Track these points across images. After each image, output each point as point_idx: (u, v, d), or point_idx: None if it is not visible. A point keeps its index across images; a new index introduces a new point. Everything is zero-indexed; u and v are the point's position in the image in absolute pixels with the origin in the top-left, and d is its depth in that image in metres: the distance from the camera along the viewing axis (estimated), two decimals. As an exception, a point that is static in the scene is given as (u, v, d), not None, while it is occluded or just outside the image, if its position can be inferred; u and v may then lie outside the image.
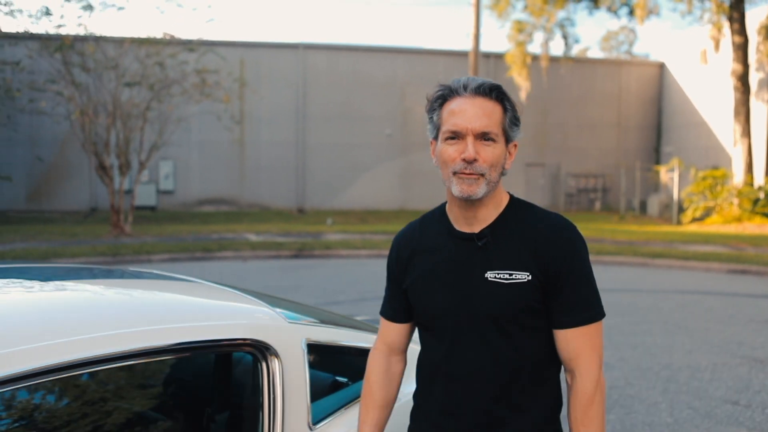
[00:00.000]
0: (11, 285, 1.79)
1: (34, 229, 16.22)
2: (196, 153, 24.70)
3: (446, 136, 1.49)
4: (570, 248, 1.51)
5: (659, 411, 4.40)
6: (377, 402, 1.67)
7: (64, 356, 1.23)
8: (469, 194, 1.47)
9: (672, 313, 7.67)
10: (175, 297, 1.89)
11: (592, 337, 1.50)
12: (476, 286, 1.51)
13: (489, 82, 1.51)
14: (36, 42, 14.91)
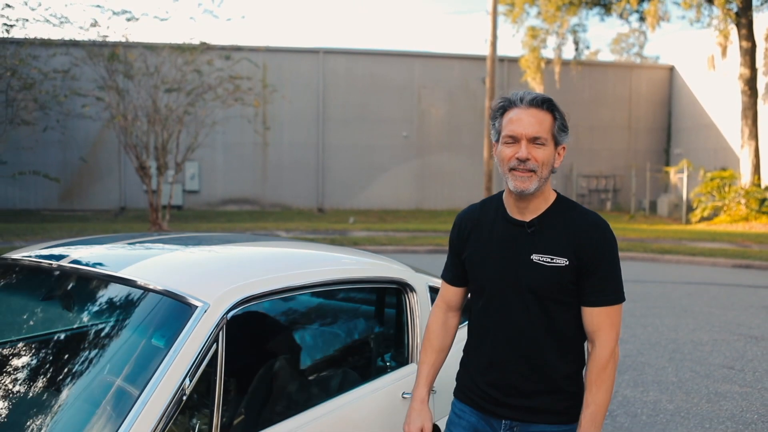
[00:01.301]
0: (209, 246, 2.56)
1: (75, 227, 17.16)
2: (221, 154, 25.53)
3: (505, 140, 1.82)
4: (603, 243, 1.81)
5: (666, 373, 5.23)
6: (435, 347, 2.01)
7: (312, 279, 2.08)
8: (522, 189, 1.78)
9: (679, 300, 8.48)
10: (324, 251, 2.73)
11: (612, 316, 1.81)
12: (523, 264, 1.82)
13: (541, 96, 1.86)
14: (79, 50, 15.85)
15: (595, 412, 1.76)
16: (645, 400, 4.58)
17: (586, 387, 1.81)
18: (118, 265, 1.92)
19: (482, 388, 1.93)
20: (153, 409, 1.50)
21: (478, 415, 1.93)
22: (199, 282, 1.81)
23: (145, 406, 1.49)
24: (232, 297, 1.76)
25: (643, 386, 4.89)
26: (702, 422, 4.19)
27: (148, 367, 1.57)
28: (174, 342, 1.61)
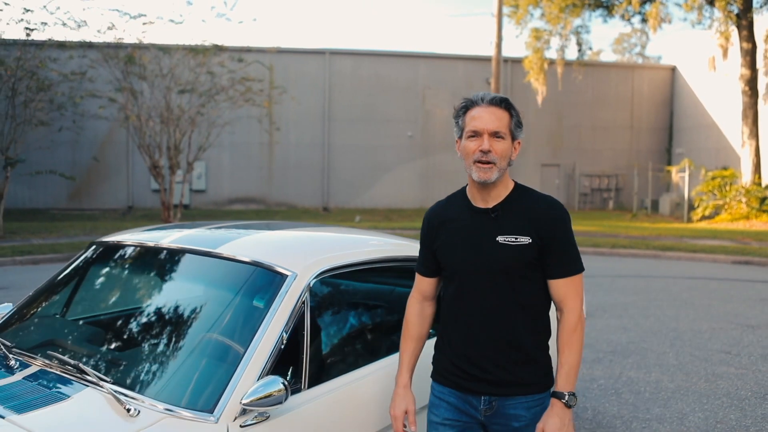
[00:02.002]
0: (279, 229, 2.92)
1: (87, 225, 17.54)
2: (227, 154, 25.87)
3: (469, 134, 1.98)
4: (559, 221, 1.99)
5: (667, 357, 5.61)
6: (414, 336, 2.16)
7: (375, 256, 2.46)
8: (485, 179, 1.96)
9: (680, 294, 8.85)
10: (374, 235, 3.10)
11: (576, 284, 2.00)
12: (490, 246, 1.97)
13: (499, 96, 2.01)
14: (95, 52, 16.25)
15: (569, 371, 1.94)
16: (648, 380, 4.96)
17: (558, 350, 1.97)
18: (213, 244, 2.29)
19: (460, 368, 2.04)
20: (259, 357, 1.88)
21: (458, 395, 2.05)
22: (287, 256, 2.19)
23: (254, 355, 1.88)
24: (314, 269, 2.15)
25: (645, 368, 5.27)
26: (700, 398, 4.57)
27: (253, 323, 1.96)
28: (272, 304, 1.99)
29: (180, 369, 1.96)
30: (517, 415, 1.99)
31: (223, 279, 2.21)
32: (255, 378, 1.82)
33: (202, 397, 1.82)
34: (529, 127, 27.43)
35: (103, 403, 1.81)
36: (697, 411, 4.32)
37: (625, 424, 4.07)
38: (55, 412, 1.79)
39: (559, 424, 1.89)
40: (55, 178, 21.42)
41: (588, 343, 6.00)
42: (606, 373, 5.14)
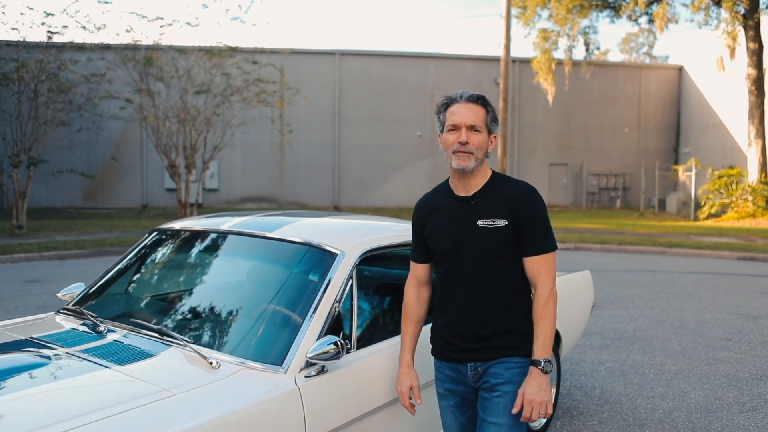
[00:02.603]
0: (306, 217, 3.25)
1: (105, 223, 17.96)
2: (240, 154, 26.25)
3: (449, 128, 2.18)
4: (533, 204, 2.17)
5: (671, 343, 5.93)
6: (413, 318, 2.36)
7: (404, 239, 2.79)
8: (463, 167, 2.15)
9: (685, 287, 9.15)
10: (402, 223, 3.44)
11: (548, 262, 2.17)
12: (471, 230, 2.16)
13: (477, 94, 2.22)
14: (112, 53, 16.67)
15: (544, 341, 2.13)
16: (652, 363, 5.28)
17: (534, 322, 2.16)
18: (269, 228, 2.63)
19: (449, 341, 2.24)
20: (318, 322, 2.22)
21: (451, 366, 2.26)
22: (335, 238, 2.53)
23: (313, 319, 2.22)
24: (359, 248, 2.49)
25: (650, 353, 5.59)
26: (701, 379, 4.89)
27: (311, 294, 2.30)
28: (325, 278, 2.34)
29: (251, 331, 2.31)
30: (496, 373, 2.17)
31: (282, 257, 2.56)
32: (315, 338, 2.17)
33: (271, 353, 2.16)
34: (536, 127, 27.73)
35: (188, 358, 2.16)
36: (697, 390, 4.64)
37: (630, 401, 4.39)
38: (151, 364, 2.14)
39: (537, 388, 2.08)
40: (71, 177, 21.89)
41: (596, 331, 6.33)
42: (613, 357, 5.46)
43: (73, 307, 2.78)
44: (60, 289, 3.10)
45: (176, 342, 2.24)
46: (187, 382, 2.00)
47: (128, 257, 3.08)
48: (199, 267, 2.83)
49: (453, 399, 2.29)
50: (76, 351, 2.26)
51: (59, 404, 1.87)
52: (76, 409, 1.80)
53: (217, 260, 2.79)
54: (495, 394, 2.17)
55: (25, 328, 2.63)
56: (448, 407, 2.32)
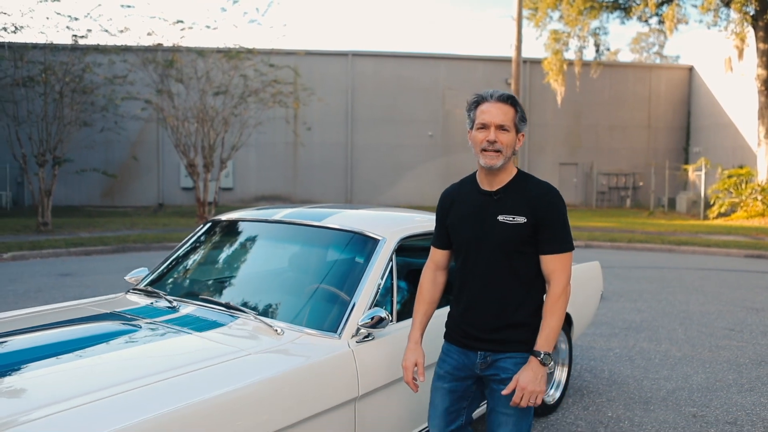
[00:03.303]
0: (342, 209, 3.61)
1: (126, 221, 18.44)
2: (254, 154, 26.68)
3: (478, 126, 2.25)
4: (553, 205, 2.25)
5: (676, 332, 6.27)
6: (426, 300, 2.46)
7: (425, 229, 3.15)
8: (491, 165, 2.22)
9: (692, 282, 9.46)
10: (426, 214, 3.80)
11: (564, 261, 2.24)
12: (491, 224, 2.25)
13: (507, 94, 2.27)
14: (132, 55, 17.14)
15: (549, 334, 2.20)
16: (658, 350, 5.62)
17: (543, 316, 2.23)
18: (318, 218, 3.01)
19: (462, 328, 2.34)
20: (365, 296, 2.59)
21: (460, 351, 2.35)
22: (376, 227, 2.90)
23: (361, 294, 2.60)
24: (397, 235, 2.86)
25: (656, 341, 5.93)
26: (703, 364, 5.23)
27: (358, 273, 2.68)
28: (370, 260, 2.71)
29: (307, 305, 2.69)
30: (505, 368, 2.27)
31: (331, 243, 2.93)
32: (363, 310, 2.54)
33: (327, 322, 2.54)
34: (547, 127, 28.01)
35: (256, 327, 2.54)
36: (699, 373, 4.98)
37: (636, 382, 4.74)
38: (225, 332, 2.52)
39: (531, 377, 2.15)
40: (89, 176, 22.38)
41: (605, 321, 6.67)
42: (621, 344, 5.81)
43: (143, 287, 3.17)
44: (91, 282, 3.45)
45: (244, 314, 2.62)
46: (259, 345, 2.38)
47: (186, 245, 3.46)
48: (255, 252, 3.22)
49: (447, 383, 2.38)
50: (157, 321, 2.65)
51: (156, 360, 2.25)
52: (172, 363, 2.18)
53: (272, 246, 3.18)
54: (503, 387, 2.25)
55: (103, 304, 3.02)
56: (441, 389, 2.39)
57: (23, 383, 2.03)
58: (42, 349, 2.29)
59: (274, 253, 3.16)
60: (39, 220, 15.69)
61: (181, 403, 1.89)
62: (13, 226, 16.16)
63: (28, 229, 15.71)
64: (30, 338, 2.45)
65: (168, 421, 1.82)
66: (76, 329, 2.54)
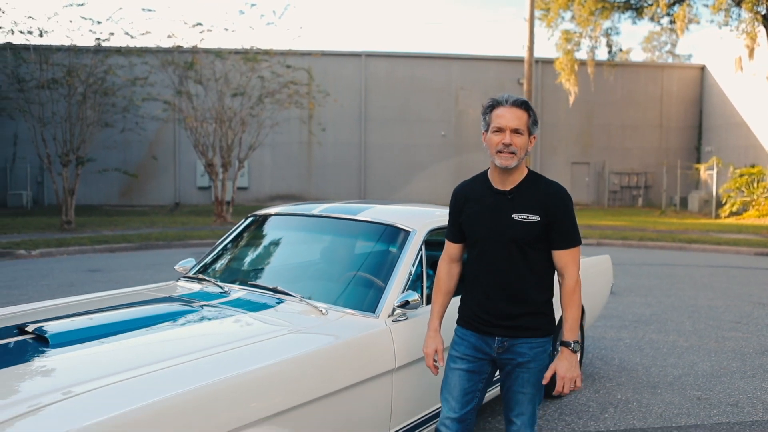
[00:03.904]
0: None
1: (145, 219, 18.86)
2: (269, 153, 27.05)
3: (494, 129, 2.39)
4: (564, 204, 2.42)
5: (684, 324, 6.54)
6: (443, 290, 2.64)
7: (439, 224, 3.44)
8: (506, 165, 2.38)
9: (701, 278, 9.70)
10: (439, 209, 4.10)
11: (574, 255, 2.44)
12: (506, 222, 2.41)
13: (521, 99, 2.41)
14: (152, 56, 17.56)
15: (572, 324, 2.41)
16: (666, 340, 5.90)
17: (562, 308, 2.44)
18: (353, 212, 3.33)
19: (480, 316, 2.50)
20: (400, 281, 2.90)
21: (477, 336, 2.52)
22: (407, 220, 3.21)
23: (396, 279, 2.91)
24: (427, 227, 3.17)
25: (665, 332, 6.20)
26: (709, 353, 5.50)
27: (392, 261, 2.99)
28: (402, 249, 3.02)
29: (347, 289, 3.01)
30: (522, 353, 2.46)
31: (367, 234, 3.25)
32: (398, 293, 2.85)
33: (366, 303, 2.86)
34: (559, 126, 28.20)
35: (302, 308, 2.86)
36: (705, 361, 5.26)
37: (645, 369, 5.02)
38: (275, 312, 2.83)
39: (567, 366, 2.38)
40: (107, 176, 22.85)
41: (615, 315, 6.95)
42: (631, 335, 6.09)
43: (193, 275, 3.50)
44: (120, 278, 3.73)
45: (290, 297, 2.94)
46: (307, 323, 2.69)
47: (230, 237, 3.79)
48: (296, 242, 3.54)
49: (465, 364, 2.54)
50: (212, 304, 2.97)
51: (217, 336, 2.58)
52: (232, 338, 2.50)
53: (311, 237, 3.50)
54: (522, 371, 2.47)
55: (158, 290, 3.35)
56: (457, 370, 2.54)
57: (100, 354, 2.34)
58: (115, 326, 2.61)
59: (313, 244, 3.48)
60: (63, 218, 16.13)
61: (246, 369, 2.20)
62: (37, 224, 16.61)
63: (52, 227, 16.16)
64: (102, 316, 2.78)
65: (236, 384, 2.13)
66: (142, 309, 2.87)
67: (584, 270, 4.60)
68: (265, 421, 2.16)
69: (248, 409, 2.11)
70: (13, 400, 1.88)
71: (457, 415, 2.52)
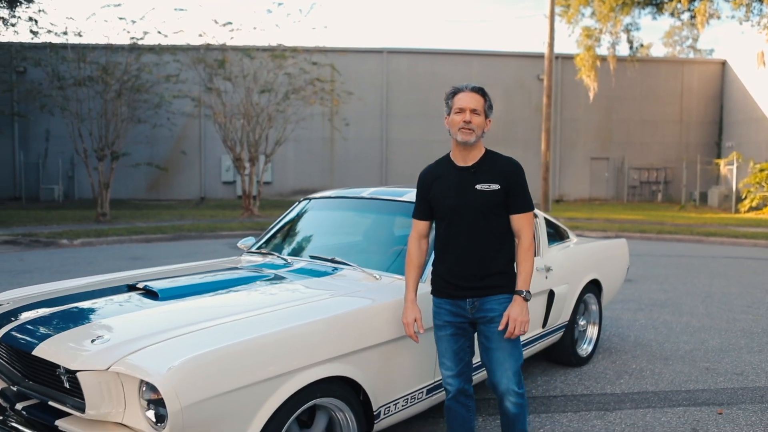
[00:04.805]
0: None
1: (174, 213, 19.50)
2: (292, 149, 27.59)
3: (456, 111, 2.76)
4: (518, 175, 2.80)
5: (697, 309, 6.93)
6: (415, 264, 2.94)
7: None
8: (466, 140, 2.73)
9: (717, 268, 10.03)
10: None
11: (529, 219, 2.82)
12: (470, 193, 2.76)
13: (478, 86, 2.78)
14: (183, 54, 18.16)
15: (525, 277, 2.78)
16: (679, 321, 6.30)
17: (518, 263, 2.81)
18: (398, 195, 3.80)
19: (450, 282, 2.82)
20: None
21: (450, 302, 2.85)
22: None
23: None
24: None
25: (678, 314, 6.60)
26: (719, 332, 5.89)
27: (433, 235, 3.48)
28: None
29: (397, 259, 3.46)
30: (491, 308, 2.80)
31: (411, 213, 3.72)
32: (439, 262, 3.32)
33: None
34: (578, 122, 28.42)
35: (358, 275, 3.33)
36: (715, 338, 5.66)
37: (658, 344, 5.44)
38: (333, 278, 3.31)
39: (518, 311, 2.72)
40: (135, 171, 23.60)
41: (632, 299, 7.35)
42: (646, 316, 6.50)
43: (256, 249, 4.00)
44: (161, 265, 4.15)
45: (348, 266, 3.42)
46: (364, 286, 3.17)
47: (286, 218, 4.28)
48: (348, 221, 4.02)
49: (449, 329, 2.86)
50: (280, 272, 3.46)
51: (290, 294, 3.06)
52: (302, 296, 2.99)
53: (361, 216, 3.97)
54: (493, 326, 2.77)
55: (227, 263, 3.85)
56: (444, 337, 2.88)
57: (200, 305, 2.84)
58: (206, 285, 3.12)
59: (364, 222, 3.95)
60: (98, 210, 16.81)
61: (314, 319, 2.68)
62: (73, 216, 17.32)
63: (87, 219, 16.85)
64: (193, 278, 3.28)
65: (306, 330, 2.60)
66: (223, 274, 3.37)
67: (602, 251, 5.07)
68: (330, 361, 2.63)
69: (317, 350, 2.58)
70: (142, 335, 2.38)
71: (453, 372, 2.89)
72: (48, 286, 3.31)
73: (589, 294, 4.85)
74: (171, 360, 2.14)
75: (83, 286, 3.22)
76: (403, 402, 3.06)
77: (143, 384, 2.16)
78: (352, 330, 2.76)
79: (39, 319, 2.67)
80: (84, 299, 2.93)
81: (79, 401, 2.30)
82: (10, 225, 15.16)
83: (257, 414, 2.32)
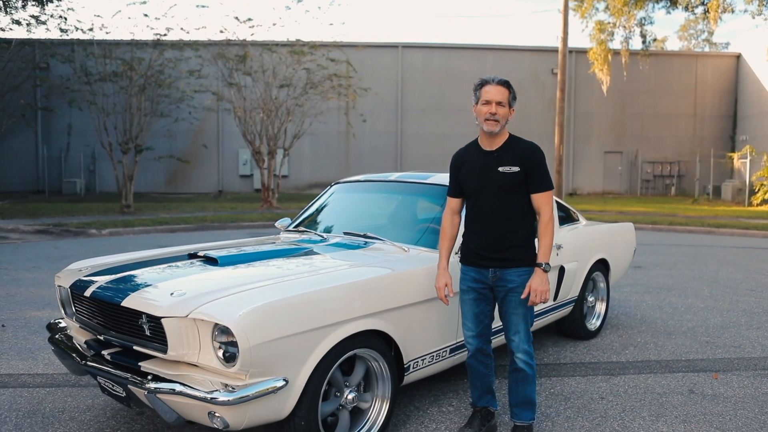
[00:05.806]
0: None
1: (195, 205, 20.02)
2: (308, 142, 28.01)
3: (483, 102, 3.05)
4: (537, 158, 3.08)
5: (702, 292, 7.27)
6: (448, 236, 3.27)
7: None
8: (491, 130, 3.04)
9: (725, 256, 10.34)
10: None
11: (548, 197, 3.09)
12: (494, 174, 3.07)
13: (504, 79, 3.07)
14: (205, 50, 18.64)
15: (545, 250, 3.05)
16: (684, 303, 6.66)
17: (539, 238, 3.08)
18: (422, 178, 4.19)
19: (475, 251, 3.16)
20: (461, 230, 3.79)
21: (475, 270, 3.18)
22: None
23: (458, 226, 3.80)
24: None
25: (684, 297, 6.95)
26: (721, 312, 6.24)
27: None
28: (463, 204, 3.90)
29: (424, 234, 3.85)
30: (511, 279, 3.10)
31: (436, 195, 4.08)
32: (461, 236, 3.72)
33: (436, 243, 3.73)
34: (592, 116, 28.61)
35: (389, 248, 3.73)
36: (717, 317, 6.02)
37: (663, 322, 5.81)
38: (366, 251, 3.71)
39: (539, 281, 3.01)
40: (154, 164, 24.12)
41: (640, 283, 7.71)
42: (653, 298, 6.86)
43: (293, 228, 4.42)
44: None
45: (379, 240, 3.82)
46: (395, 257, 3.57)
47: (318, 200, 4.70)
48: (377, 201, 4.43)
49: (472, 294, 3.20)
50: (317, 247, 3.87)
51: (330, 262, 3.48)
52: (340, 263, 3.40)
53: (389, 197, 4.38)
54: (512, 295, 3.09)
55: (268, 239, 4.27)
56: (467, 300, 3.22)
57: (256, 270, 3.26)
58: (257, 255, 3.54)
59: (391, 203, 4.35)
60: (122, 202, 17.35)
61: (357, 279, 3.11)
62: (97, 208, 17.88)
63: (112, 210, 17.41)
64: (244, 249, 3.71)
65: (346, 289, 3.02)
66: (268, 246, 3.80)
67: (610, 233, 5.45)
68: (368, 317, 3.03)
69: (357, 306, 3.00)
70: (212, 290, 2.80)
71: (474, 333, 3.25)
72: (115, 257, 3.75)
73: (597, 272, 5.23)
74: (240, 308, 2.56)
75: (148, 256, 3.67)
76: (429, 359, 3.46)
77: (216, 328, 2.58)
78: (386, 291, 3.17)
79: (121, 279, 3.11)
80: (154, 264, 3.38)
81: (159, 345, 2.73)
82: (39, 216, 15.74)
83: (309, 357, 2.74)
